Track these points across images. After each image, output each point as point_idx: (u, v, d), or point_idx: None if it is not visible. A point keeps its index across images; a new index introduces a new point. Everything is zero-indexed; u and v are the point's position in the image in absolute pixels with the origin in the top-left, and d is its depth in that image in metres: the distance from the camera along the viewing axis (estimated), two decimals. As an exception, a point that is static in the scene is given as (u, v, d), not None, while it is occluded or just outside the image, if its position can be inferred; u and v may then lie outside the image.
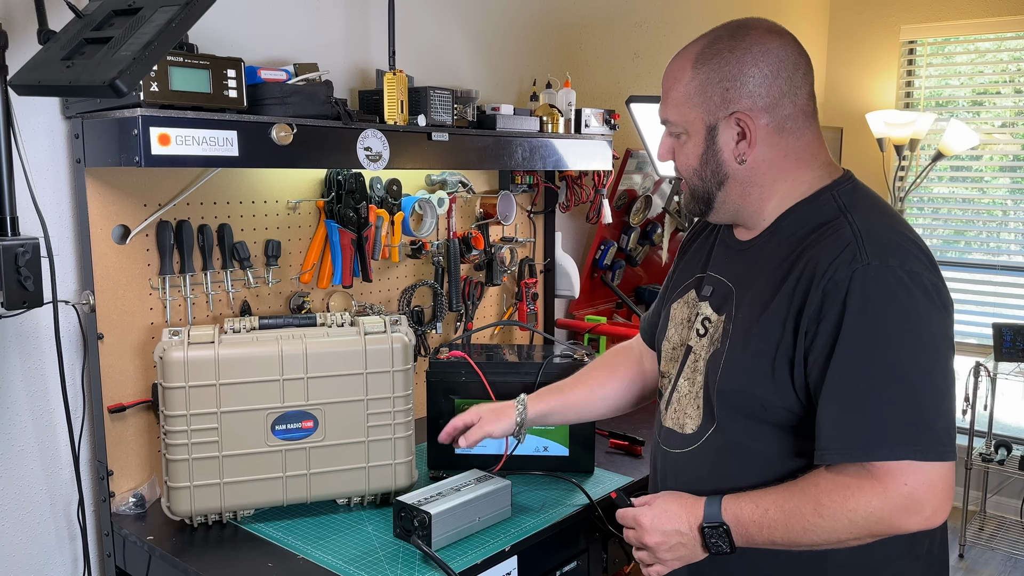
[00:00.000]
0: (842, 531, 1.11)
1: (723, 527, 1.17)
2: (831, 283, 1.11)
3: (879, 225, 1.16)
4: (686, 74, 1.24)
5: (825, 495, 1.11)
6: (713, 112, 1.21)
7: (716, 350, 1.25)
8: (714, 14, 3.46)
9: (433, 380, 1.83)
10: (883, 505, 1.08)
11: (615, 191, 2.81)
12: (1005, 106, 3.99)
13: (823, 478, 1.13)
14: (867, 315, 1.09)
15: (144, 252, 1.72)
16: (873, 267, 1.09)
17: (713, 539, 1.18)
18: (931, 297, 1.10)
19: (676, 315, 1.40)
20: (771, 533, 1.15)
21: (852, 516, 1.09)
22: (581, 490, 1.73)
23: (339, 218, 1.98)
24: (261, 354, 1.57)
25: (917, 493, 1.07)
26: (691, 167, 1.26)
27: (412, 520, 1.49)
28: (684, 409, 1.31)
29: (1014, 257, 4.00)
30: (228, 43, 1.80)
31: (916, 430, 1.08)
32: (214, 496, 1.57)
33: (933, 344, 1.10)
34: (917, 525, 1.09)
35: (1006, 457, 3.54)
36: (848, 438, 1.10)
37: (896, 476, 1.08)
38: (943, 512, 1.10)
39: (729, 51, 1.20)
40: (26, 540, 1.66)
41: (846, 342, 1.09)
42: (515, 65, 2.57)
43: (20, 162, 1.50)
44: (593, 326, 2.66)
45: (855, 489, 1.10)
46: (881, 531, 1.11)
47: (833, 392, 1.11)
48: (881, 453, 1.08)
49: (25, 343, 1.61)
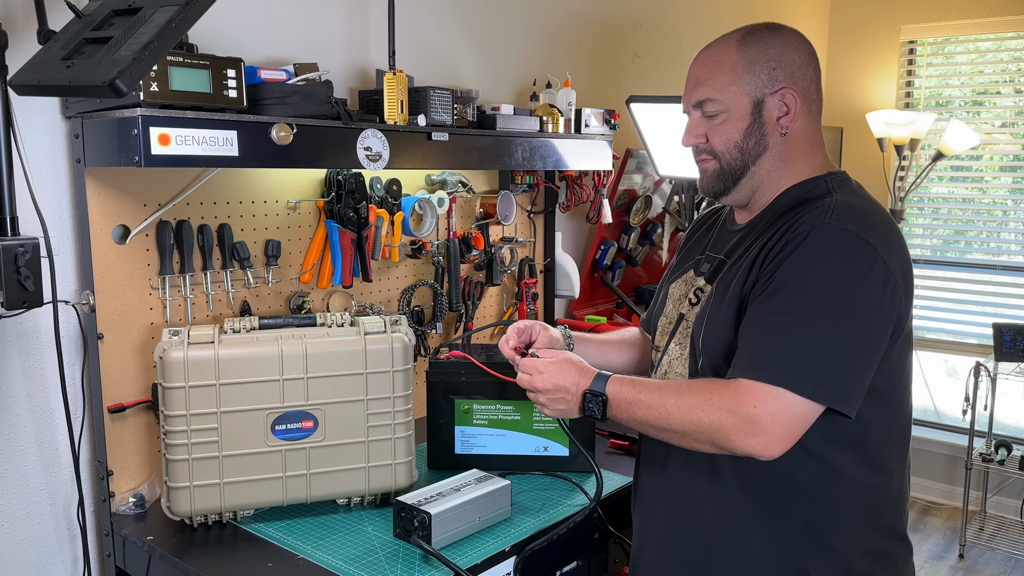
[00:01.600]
0: (688, 428, 1.22)
1: (602, 397, 1.33)
2: (792, 233, 1.22)
3: (857, 203, 1.27)
4: (731, 55, 1.33)
5: (689, 394, 1.23)
6: (760, 88, 1.31)
7: (701, 310, 1.36)
8: (714, 14, 3.46)
9: (433, 380, 1.83)
10: (728, 418, 1.18)
11: (615, 191, 2.81)
12: (1005, 106, 3.99)
13: (699, 381, 1.26)
14: (806, 260, 1.19)
15: (144, 252, 1.72)
16: (832, 226, 1.20)
17: (590, 404, 1.34)
18: (874, 268, 1.19)
19: (674, 293, 1.49)
20: (636, 411, 1.29)
21: (700, 417, 1.20)
22: (581, 490, 1.73)
23: (339, 218, 1.98)
24: (261, 354, 1.57)
25: (762, 419, 1.16)
26: (732, 141, 1.34)
27: (412, 520, 1.49)
28: (674, 370, 1.41)
29: (1014, 257, 4.00)
30: (228, 43, 1.80)
31: (798, 365, 1.16)
32: (214, 496, 1.57)
33: (855, 306, 1.18)
34: (752, 448, 1.17)
35: (1006, 457, 3.54)
36: (745, 358, 1.21)
37: (749, 396, 1.17)
38: (779, 446, 1.18)
39: (771, 37, 1.32)
40: (26, 540, 1.66)
41: (780, 280, 1.20)
42: (515, 65, 2.57)
43: (20, 162, 1.50)
44: (593, 326, 2.66)
45: (715, 396, 1.20)
46: (720, 441, 1.20)
47: (752, 319, 1.23)
48: (759, 375, 1.17)
49: (25, 343, 1.61)
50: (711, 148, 1.35)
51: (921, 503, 4.07)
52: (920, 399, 4.20)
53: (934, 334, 4.22)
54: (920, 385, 4.20)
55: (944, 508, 4.02)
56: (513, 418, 1.82)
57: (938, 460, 4.04)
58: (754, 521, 1.30)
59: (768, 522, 1.29)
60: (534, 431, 1.82)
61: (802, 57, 1.32)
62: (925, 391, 4.20)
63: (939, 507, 4.03)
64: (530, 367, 1.43)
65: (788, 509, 1.28)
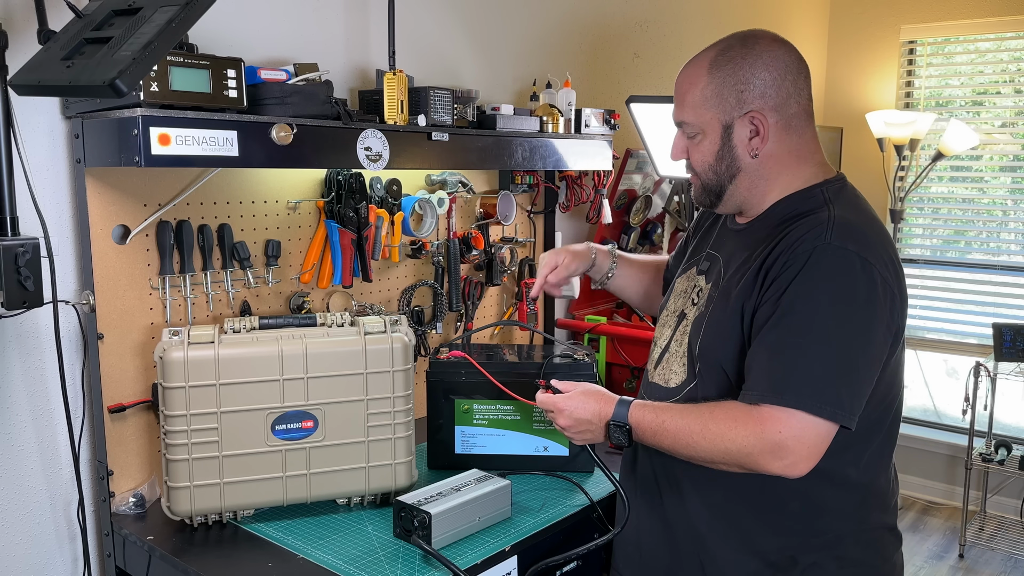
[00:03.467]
0: (717, 455, 1.26)
1: (626, 427, 1.37)
2: (794, 253, 1.25)
3: (854, 218, 1.30)
4: (702, 79, 1.34)
5: (713, 422, 1.26)
6: (729, 112, 1.33)
7: (700, 313, 1.39)
8: (714, 14, 3.46)
9: (433, 380, 1.83)
10: (756, 444, 1.22)
11: (615, 191, 2.81)
12: (1005, 106, 4.00)
13: (723, 407, 1.28)
14: (813, 283, 1.22)
15: (144, 252, 1.72)
16: (833, 246, 1.23)
17: (615, 434, 1.38)
18: (875, 285, 1.23)
19: (678, 287, 1.54)
20: (661, 439, 1.33)
21: (728, 446, 1.24)
22: (581, 490, 1.73)
23: (339, 218, 1.98)
24: (261, 354, 1.57)
25: (787, 442, 1.20)
26: (707, 163, 1.38)
27: (412, 520, 1.49)
28: (671, 366, 1.45)
29: (1014, 257, 4.00)
30: (228, 43, 1.80)
31: (816, 387, 1.20)
32: (214, 496, 1.57)
33: (863, 324, 1.23)
34: (778, 470, 1.22)
35: (1006, 457, 3.54)
36: (760, 383, 1.24)
37: (773, 422, 1.21)
38: (805, 464, 1.22)
39: (742, 57, 1.32)
40: (26, 540, 1.66)
41: (789, 302, 1.23)
42: (515, 65, 2.57)
43: (20, 162, 1.50)
44: (593, 326, 2.66)
45: (740, 424, 1.23)
46: (748, 465, 1.24)
47: (765, 341, 1.25)
48: (779, 400, 1.21)
49: (25, 343, 1.61)
50: (692, 166, 1.41)
51: (921, 503, 4.07)
52: (920, 399, 4.20)
53: (934, 334, 4.22)
54: (920, 385, 4.20)
55: (944, 508, 4.02)
56: (513, 418, 1.82)
57: (938, 460, 4.04)
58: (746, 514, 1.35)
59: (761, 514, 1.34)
60: (534, 431, 1.82)
61: (775, 74, 1.31)
62: (925, 391, 4.20)
63: (939, 507, 4.03)
64: (549, 404, 1.48)
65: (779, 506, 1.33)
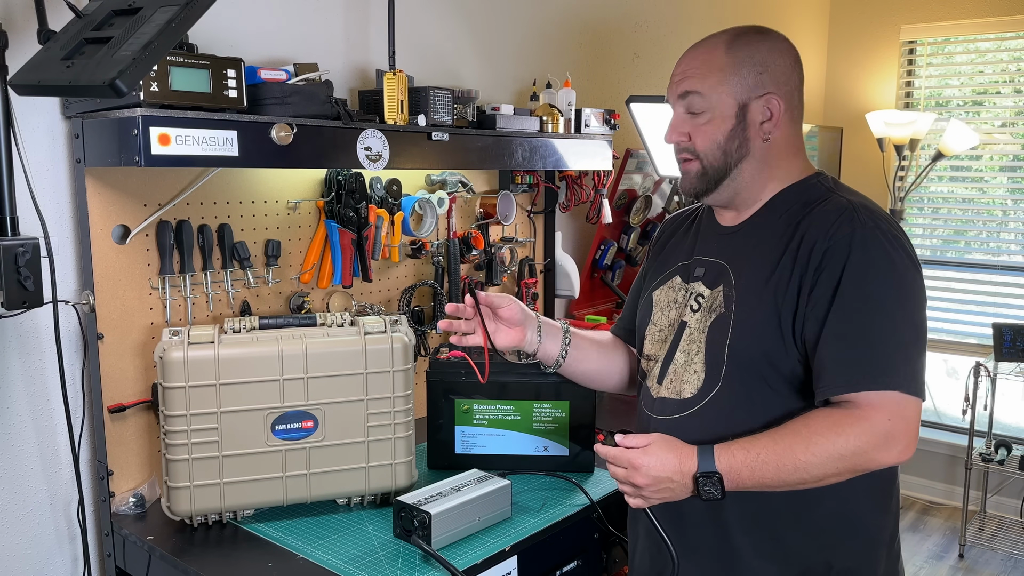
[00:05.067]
0: (829, 467, 1.19)
1: (716, 476, 1.22)
2: (833, 242, 1.24)
3: (863, 201, 1.32)
4: (719, 55, 1.32)
5: (816, 433, 1.20)
6: (747, 92, 1.31)
7: (720, 315, 1.33)
8: (714, 14, 3.46)
9: (433, 380, 1.83)
10: (868, 438, 1.18)
11: (615, 191, 2.81)
12: (1005, 106, 3.99)
13: (814, 418, 1.22)
14: (864, 268, 1.22)
15: (144, 252, 1.72)
16: (869, 228, 1.24)
17: (706, 487, 1.22)
18: (911, 257, 1.26)
19: (660, 300, 1.47)
20: (762, 475, 1.21)
21: (841, 451, 1.18)
22: (581, 490, 1.73)
23: (339, 218, 1.98)
24: (261, 354, 1.57)
25: (896, 428, 1.18)
26: (716, 142, 1.33)
27: (412, 520, 1.49)
28: (681, 377, 1.38)
29: (1014, 257, 4.00)
30: (228, 43, 1.80)
31: (902, 366, 1.20)
32: (214, 496, 1.57)
33: (913, 295, 1.25)
34: (891, 459, 1.20)
35: (1006, 457, 3.54)
36: (847, 373, 1.21)
37: (880, 409, 1.18)
38: (911, 448, 1.20)
39: (759, 41, 1.33)
40: (26, 540, 1.66)
41: (845, 291, 1.22)
42: (515, 65, 2.57)
43: (20, 162, 1.50)
44: (593, 326, 2.66)
45: (845, 425, 1.19)
46: (862, 465, 1.20)
47: (832, 333, 1.22)
48: (875, 384, 1.19)
49: (25, 343, 1.61)
50: (693, 148, 1.35)
51: (921, 503, 4.07)
52: (920, 399, 4.19)
53: (934, 334, 4.21)
54: (920, 385, 4.19)
55: (944, 508, 4.02)
56: (513, 418, 1.82)
57: (938, 460, 4.04)
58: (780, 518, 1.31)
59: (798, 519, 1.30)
60: (534, 431, 1.82)
61: (788, 63, 1.33)
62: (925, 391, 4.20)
63: (939, 507, 4.03)
64: (624, 461, 1.26)
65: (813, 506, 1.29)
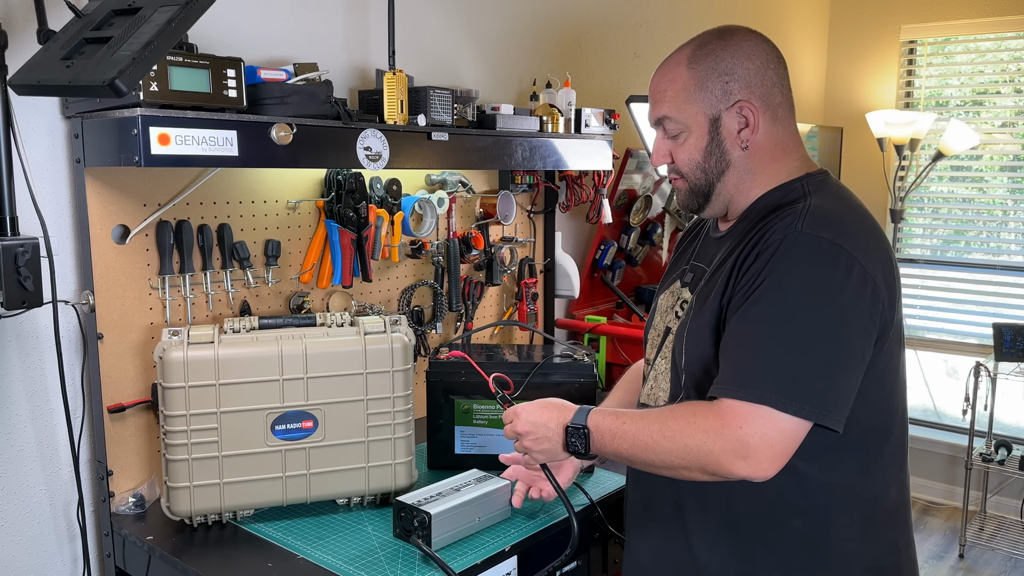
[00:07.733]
0: (676, 457, 1.17)
1: (584, 430, 1.28)
2: (765, 244, 1.19)
3: (831, 207, 1.23)
4: (682, 73, 1.29)
5: (673, 420, 1.19)
6: (715, 105, 1.28)
7: (682, 324, 1.33)
8: (714, 14, 3.46)
9: (433, 380, 1.83)
10: (717, 442, 1.13)
11: (615, 191, 2.81)
12: (1005, 106, 3.99)
13: (682, 407, 1.21)
14: (782, 272, 1.15)
15: (144, 252, 1.72)
16: (803, 234, 1.16)
17: (572, 439, 1.29)
18: (852, 274, 1.15)
19: (662, 304, 1.46)
20: (620, 444, 1.24)
21: (688, 444, 1.15)
22: (581, 490, 1.73)
23: (339, 218, 1.97)
24: (261, 354, 1.57)
25: (751, 441, 1.11)
26: (694, 161, 1.31)
27: (412, 520, 1.49)
28: (659, 384, 1.39)
29: (1014, 257, 4.00)
30: (228, 43, 1.80)
31: (782, 380, 1.12)
32: (214, 496, 1.57)
33: (836, 316, 1.14)
34: (743, 471, 1.12)
35: (1006, 457, 3.54)
36: (722, 376, 1.17)
37: (735, 417, 1.12)
38: (771, 466, 1.13)
39: (721, 49, 1.28)
40: (26, 540, 1.66)
41: (757, 293, 1.17)
42: (515, 65, 2.57)
43: (20, 162, 1.50)
44: (593, 326, 2.66)
45: (700, 421, 1.15)
46: (711, 467, 1.14)
47: (732, 333, 1.19)
48: (740, 394, 1.13)
49: (25, 343, 1.61)
50: (677, 168, 1.33)
51: (921, 503, 4.06)
52: (920, 399, 4.20)
53: (934, 334, 4.22)
54: (920, 385, 4.20)
55: (944, 508, 4.02)
56: (513, 418, 1.82)
57: (938, 460, 4.04)
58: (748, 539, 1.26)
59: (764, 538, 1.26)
60: (534, 431, 1.82)
61: (756, 63, 1.27)
62: (925, 391, 4.20)
63: (939, 507, 4.03)
64: (509, 413, 1.40)
65: (780, 526, 1.25)
